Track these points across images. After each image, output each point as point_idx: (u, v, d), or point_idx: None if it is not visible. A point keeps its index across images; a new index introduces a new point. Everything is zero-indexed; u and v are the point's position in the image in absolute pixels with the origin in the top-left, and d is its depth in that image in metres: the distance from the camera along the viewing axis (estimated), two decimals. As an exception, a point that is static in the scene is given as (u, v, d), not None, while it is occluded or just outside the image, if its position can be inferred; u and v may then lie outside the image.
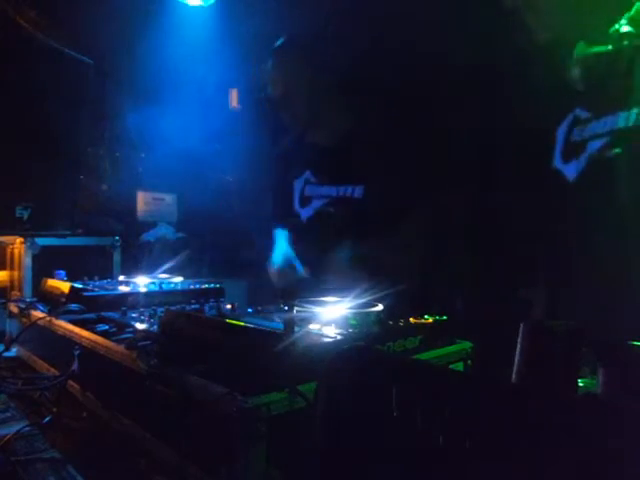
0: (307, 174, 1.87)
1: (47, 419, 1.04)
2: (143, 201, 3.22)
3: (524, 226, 1.31)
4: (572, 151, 1.09)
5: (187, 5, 2.81)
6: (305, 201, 1.85)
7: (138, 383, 0.95)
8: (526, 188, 1.28)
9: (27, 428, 0.99)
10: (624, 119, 0.99)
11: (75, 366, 1.15)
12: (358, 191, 1.70)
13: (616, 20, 1.04)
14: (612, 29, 1.04)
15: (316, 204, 1.82)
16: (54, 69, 2.74)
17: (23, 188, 2.59)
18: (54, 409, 1.09)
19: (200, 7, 2.81)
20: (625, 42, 1.03)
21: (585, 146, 1.06)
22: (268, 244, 1.92)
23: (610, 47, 1.05)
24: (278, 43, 1.80)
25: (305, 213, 1.84)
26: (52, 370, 1.33)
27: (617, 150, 1.00)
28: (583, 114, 1.09)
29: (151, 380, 0.91)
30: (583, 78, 1.11)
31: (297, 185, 1.89)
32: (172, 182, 3.21)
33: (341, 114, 1.81)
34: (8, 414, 1.09)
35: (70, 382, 1.18)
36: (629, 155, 0.98)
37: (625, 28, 1.03)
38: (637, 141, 0.98)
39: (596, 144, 1.04)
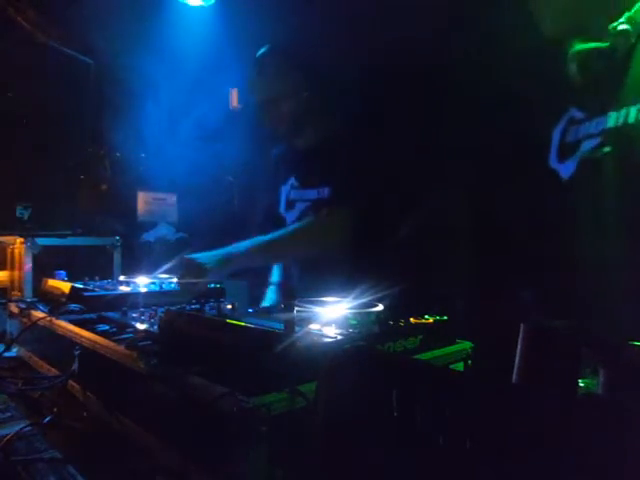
0: (292, 179, 1.89)
1: (47, 419, 1.04)
2: (143, 201, 3.22)
3: (521, 226, 1.31)
4: (567, 151, 1.10)
5: (188, 5, 2.81)
6: (289, 205, 1.88)
7: (138, 383, 0.95)
8: (523, 187, 1.29)
9: (27, 428, 0.99)
10: (614, 119, 1.00)
11: (75, 366, 1.15)
12: (328, 192, 1.72)
13: (615, 19, 1.04)
14: (610, 27, 1.04)
15: (299, 207, 1.84)
16: (55, 69, 2.74)
17: (23, 188, 2.59)
18: (54, 409, 1.09)
19: (200, 7, 2.82)
20: (621, 40, 1.03)
21: (579, 146, 1.08)
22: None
23: (606, 44, 1.06)
24: (261, 50, 1.82)
25: (290, 217, 1.87)
26: (52, 370, 1.33)
27: (607, 149, 1.01)
28: (578, 114, 1.10)
29: (151, 380, 0.91)
30: (578, 75, 1.11)
31: (283, 190, 1.92)
32: (172, 182, 3.21)
33: (324, 118, 1.83)
34: (8, 414, 1.09)
35: (70, 382, 1.18)
36: (618, 154, 0.99)
37: (623, 26, 1.03)
38: (625, 140, 0.99)
39: (589, 144, 1.05)
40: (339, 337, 0.91)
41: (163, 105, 2.92)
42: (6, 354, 1.53)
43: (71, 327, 1.26)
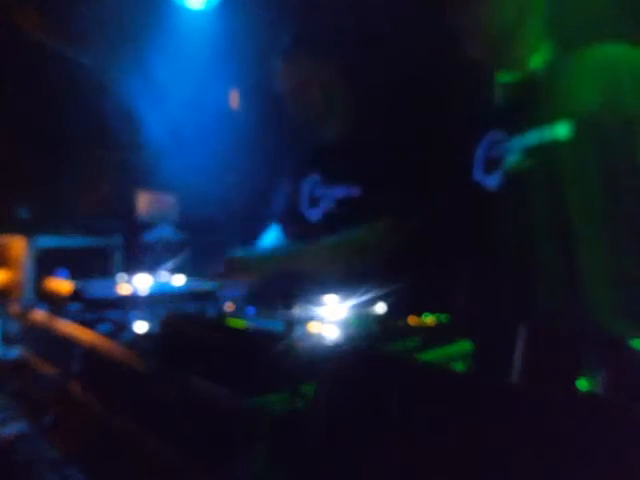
0: (315, 175, 1.85)
1: (47, 419, 1.04)
2: (143, 201, 3.21)
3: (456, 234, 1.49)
4: (492, 165, 1.29)
5: (189, 8, 2.81)
6: (313, 202, 1.83)
7: (138, 383, 0.95)
8: (455, 199, 1.47)
9: (27, 428, 0.99)
10: (531, 138, 1.19)
11: (75, 366, 1.15)
12: (357, 191, 1.69)
13: (532, 53, 1.25)
14: (528, 61, 1.25)
15: (324, 205, 1.80)
16: (56, 71, 2.74)
17: (24, 188, 2.60)
18: (54, 409, 1.09)
19: (201, 10, 2.82)
20: (534, 75, 1.24)
21: (502, 161, 1.26)
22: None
23: (524, 78, 1.26)
24: (289, 40, 1.79)
25: (314, 215, 1.82)
26: (52, 370, 1.33)
27: (525, 163, 1.20)
28: (498, 135, 1.29)
29: (151, 380, 0.91)
30: (502, 101, 1.33)
31: (305, 186, 1.87)
32: (172, 182, 3.21)
33: (351, 114, 1.80)
34: (8, 414, 1.09)
35: (70, 382, 1.18)
36: (536, 167, 1.18)
37: (537, 62, 1.24)
38: (542, 155, 1.18)
39: (510, 159, 1.23)
40: (339, 337, 0.91)
41: (164, 105, 2.92)
42: (6, 354, 1.53)
43: (71, 327, 1.26)
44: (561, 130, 1.15)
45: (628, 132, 1.11)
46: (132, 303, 1.45)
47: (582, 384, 0.63)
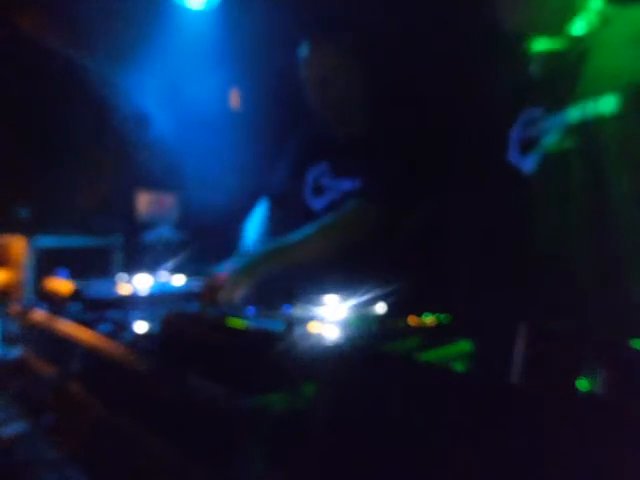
0: (324, 164, 1.82)
1: (47, 419, 1.04)
2: (144, 201, 3.21)
3: (486, 223, 1.37)
4: (528, 146, 1.15)
5: (189, 9, 2.82)
6: (318, 190, 1.81)
7: (138, 383, 0.95)
8: (487, 186, 1.35)
9: (27, 428, 0.99)
10: (573, 114, 1.06)
11: (75, 366, 1.15)
12: (363, 184, 1.67)
13: (571, 18, 1.10)
14: (568, 28, 1.10)
15: (329, 196, 1.78)
16: (56, 70, 2.74)
17: (24, 188, 2.60)
18: (54, 409, 1.09)
19: (202, 10, 2.82)
20: (577, 42, 1.10)
21: (539, 141, 1.12)
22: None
23: (563, 46, 1.12)
24: (317, 27, 1.76)
25: (318, 204, 1.80)
26: (52, 370, 1.33)
27: (567, 143, 1.06)
28: (536, 111, 1.15)
29: (151, 380, 0.91)
30: (538, 73, 1.18)
31: (311, 174, 1.84)
32: (173, 182, 3.21)
33: (371, 108, 1.77)
34: (8, 414, 1.09)
35: (70, 382, 1.18)
36: (578, 148, 1.05)
37: (579, 28, 1.09)
38: (585, 134, 1.04)
39: (549, 139, 1.10)
40: (339, 337, 0.91)
41: (164, 105, 2.93)
42: (6, 354, 1.53)
43: (71, 327, 1.26)
44: (607, 104, 1.00)
45: None
46: (132, 303, 1.45)
47: (582, 384, 0.63)
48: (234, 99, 3.03)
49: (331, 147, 1.82)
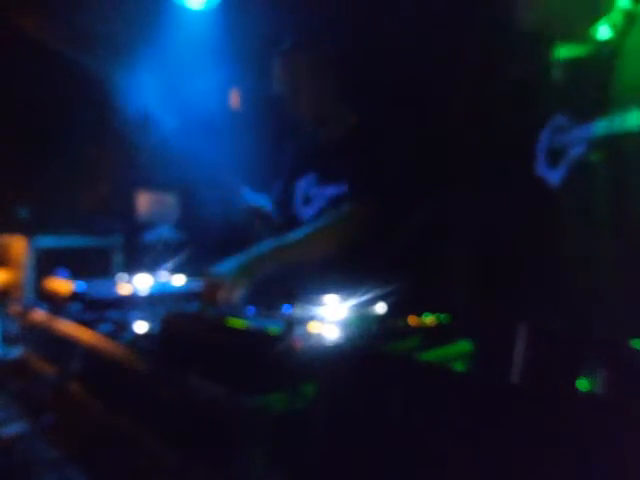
0: (311, 174, 1.86)
1: (47, 419, 1.04)
2: (143, 201, 3.21)
3: (513, 232, 1.33)
4: (555, 157, 1.11)
5: (189, 9, 2.82)
6: (306, 201, 1.84)
7: (138, 383, 0.95)
8: (514, 194, 1.31)
9: (27, 428, 0.99)
10: (601, 126, 1.01)
11: (75, 366, 1.15)
12: (347, 189, 1.70)
13: (599, 22, 1.04)
14: (593, 33, 1.05)
15: (317, 204, 1.81)
16: (56, 71, 2.74)
17: (24, 188, 2.60)
18: (54, 409, 1.09)
19: (201, 10, 2.82)
20: (603, 46, 1.04)
21: (566, 152, 1.08)
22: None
23: (590, 52, 1.06)
24: (284, 42, 1.80)
25: (307, 214, 1.84)
26: (52, 370, 1.33)
27: (594, 156, 1.02)
28: (563, 121, 1.10)
29: (151, 380, 0.91)
30: (564, 82, 1.13)
31: (300, 185, 1.88)
32: (173, 181, 3.21)
33: (346, 113, 1.81)
34: (8, 414, 1.09)
35: (70, 382, 1.18)
36: (606, 161, 1.01)
37: (605, 32, 1.04)
38: (613, 148, 0.99)
39: (576, 150, 1.05)
40: (339, 337, 0.91)
41: (164, 105, 2.92)
42: (6, 354, 1.53)
43: (71, 327, 1.26)
44: (635, 118, 0.95)
45: None
46: (132, 303, 1.45)
47: (582, 384, 0.63)
48: (234, 99, 3.03)
49: (316, 155, 1.86)
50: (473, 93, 1.61)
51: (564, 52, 1.11)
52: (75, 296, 1.52)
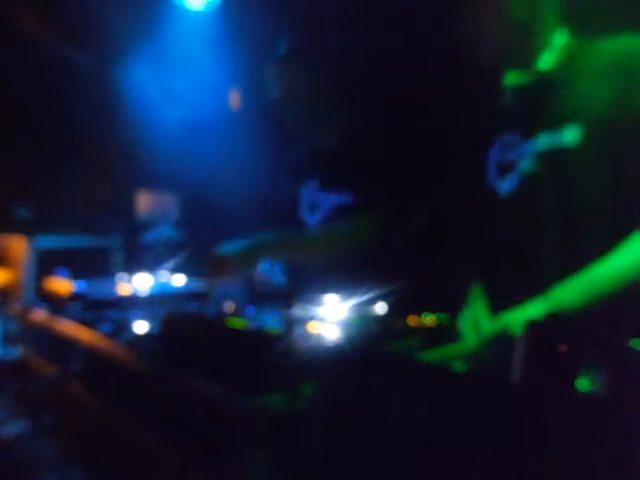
0: (315, 182, 1.87)
1: (47, 419, 1.04)
2: (144, 201, 3.21)
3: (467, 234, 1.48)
4: (506, 169, 1.25)
5: (189, 9, 2.82)
6: (312, 208, 1.86)
7: (138, 383, 0.95)
8: (467, 199, 1.47)
9: (27, 428, 1.00)
10: (543, 142, 1.16)
11: (75, 366, 1.15)
12: (350, 197, 1.71)
13: (543, 52, 1.20)
14: (538, 61, 1.20)
15: (323, 211, 1.83)
16: (56, 71, 2.75)
17: (24, 188, 2.60)
18: (54, 409, 1.09)
19: (202, 11, 2.83)
20: (545, 75, 1.19)
21: (517, 165, 1.22)
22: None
23: (531, 80, 1.22)
24: (283, 47, 1.81)
25: (313, 221, 1.84)
26: (52, 370, 1.33)
27: (537, 169, 1.16)
28: (511, 138, 1.25)
29: (151, 380, 0.91)
30: (511, 104, 1.29)
31: (305, 192, 1.90)
32: (173, 182, 3.21)
33: (345, 121, 1.82)
34: (8, 414, 1.09)
35: (70, 382, 1.18)
36: (550, 172, 1.15)
37: (545, 63, 1.19)
38: (551, 162, 1.14)
39: (525, 163, 1.20)
40: (339, 337, 0.91)
41: (164, 106, 2.92)
42: (6, 354, 1.53)
43: (71, 327, 1.26)
44: (569, 135, 1.10)
45: None
46: (132, 303, 1.46)
47: (582, 384, 0.63)
48: (234, 99, 3.03)
49: (317, 161, 1.87)
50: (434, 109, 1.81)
51: (510, 79, 1.27)
52: (75, 296, 1.52)
